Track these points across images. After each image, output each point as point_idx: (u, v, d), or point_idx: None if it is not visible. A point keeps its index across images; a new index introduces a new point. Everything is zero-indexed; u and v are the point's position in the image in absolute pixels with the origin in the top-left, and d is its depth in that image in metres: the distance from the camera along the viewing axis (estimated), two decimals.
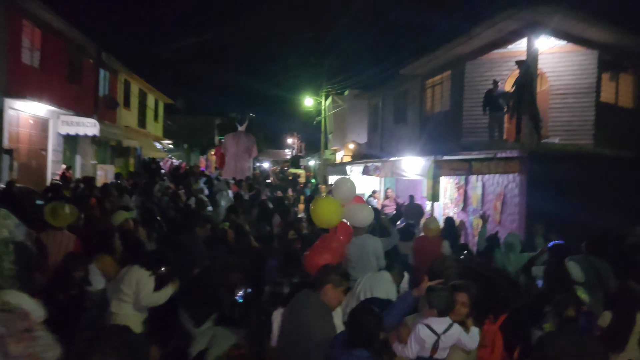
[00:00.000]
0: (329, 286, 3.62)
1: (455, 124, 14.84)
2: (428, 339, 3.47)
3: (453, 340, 3.54)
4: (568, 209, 10.30)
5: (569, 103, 13.20)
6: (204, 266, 5.40)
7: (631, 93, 13.96)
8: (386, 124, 21.88)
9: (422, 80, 17.66)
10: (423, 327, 3.52)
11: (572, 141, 12.67)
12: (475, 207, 13.43)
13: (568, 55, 13.26)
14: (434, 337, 3.48)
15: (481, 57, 14.34)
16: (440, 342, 3.48)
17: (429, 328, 3.51)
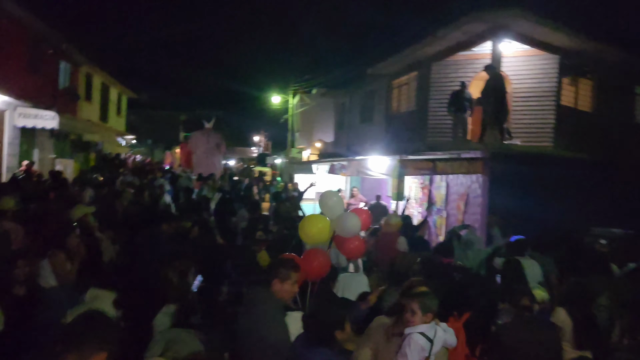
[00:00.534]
0: (276, 281, 3.63)
1: (421, 124, 14.99)
2: (426, 346, 3.32)
3: (442, 343, 3.42)
4: (528, 208, 10.53)
5: (530, 106, 13.49)
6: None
7: (590, 97, 14.36)
8: (353, 123, 21.96)
9: (389, 80, 17.78)
10: (419, 336, 3.33)
11: (533, 143, 12.96)
12: (440, 207, 13.59)
13: (530, 59, 13.55)
14: (429, 344, 3.34)
15: (447, 59, 14.52)
16: (433, 348, 3.35)
17: (424, 336, 3.34)
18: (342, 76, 21.91)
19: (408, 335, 3.34)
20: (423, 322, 3.37)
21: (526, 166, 11.79)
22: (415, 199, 14.78)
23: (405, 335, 3.36)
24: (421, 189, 14.57)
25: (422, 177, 14.27)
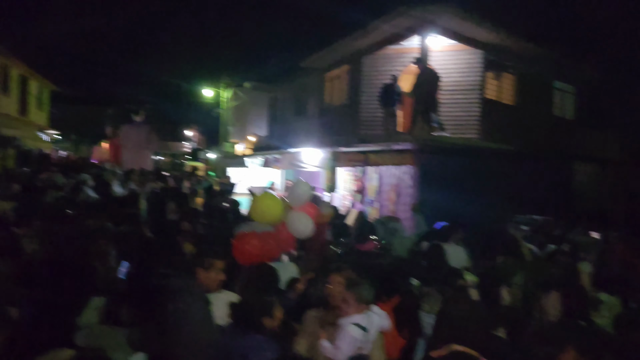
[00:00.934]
0: (199, 270, 3.59)
1: (353, 117, 15.17)
2: (361, 337, 3.28)
3: (377, 329, 3.40)
4: (456, 198, 10.89)
5: (457, 99, 13.92)
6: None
7: (512, 91, 15.01)
8: (286, 116, 21.93)
9: (322, 74, 17.86)
10: (353, 327, 3.28)
11: (460, 135, 13.38)
12: (372, 199, 13.82)
13: (456, 54, 13.98)
14: (364, 333, 3.30)
15: (377, 53, 14.75)
16: (369, 336, 3.33)
17: (359, 326, 3.29)
18: (274, 69, 21.84)
19: (341, 327, 3.31)
20: (357, 312, 3.33)
21: (454, 157, 12.21)
22: (349, 191, 14.96)
23: (339, 327, 3.33)
24: (354, 181, 14.76)
25: (355, 169, 14.46)
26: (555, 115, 16.68)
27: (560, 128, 16.46)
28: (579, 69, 16.64)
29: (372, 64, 14.90)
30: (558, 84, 16.76)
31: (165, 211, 8.60)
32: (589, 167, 17.32)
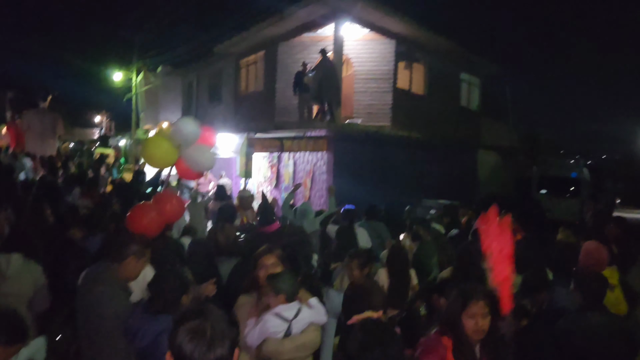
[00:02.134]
0: (131, 258, 3.44)
1: (268, 104, 15.16)
2: (278, 329, 3.19)
3: (305, 324, 3.28)
4: (369, 183, 11.27)
5: (370, 87, 14.29)
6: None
7: (422, 81, 15.62)
8: (201, 103, 21.52)
9: (237, 60, 17.67)
10: (272, 317, 3.22)
11: (373, 123, 13.76)
12: (287, 185, 13.93)
13: (370, 43, 14.32)
14: (285, 324, 3.22)
15: (293, 40, 14.80)
16: (292, 329, 3.23)
17: (280, 317, 3.23)
18: (188, 54, 21.25)
19: (263, 317, 3.28)
20: (279, 303, 3.28)
21: (367, 144, 12.57)
22: (265, 177, 14.98)
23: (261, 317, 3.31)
24: (270, 168, 14.80)
25: (271, 156, 14.50)
26: (461, 106, 17.56)
27: (466, 118, 17.35)
28: (483, 63, 17.59)
29: (287, 51, 14.94)
30: (465, 76, 17.64)
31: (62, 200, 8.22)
32: (491, 156, 18.44)
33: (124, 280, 3.46)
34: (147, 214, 4.53)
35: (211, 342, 1.68)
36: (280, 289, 3.30)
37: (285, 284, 3.30)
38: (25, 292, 3.96)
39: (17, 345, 2.66)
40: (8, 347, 2.60)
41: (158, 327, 2.99)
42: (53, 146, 17.85)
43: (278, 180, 14.34)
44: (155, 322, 3.01)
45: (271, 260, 3.56)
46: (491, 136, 18.43)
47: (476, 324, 2.70)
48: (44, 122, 17.49)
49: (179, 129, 5.03)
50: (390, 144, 13.08)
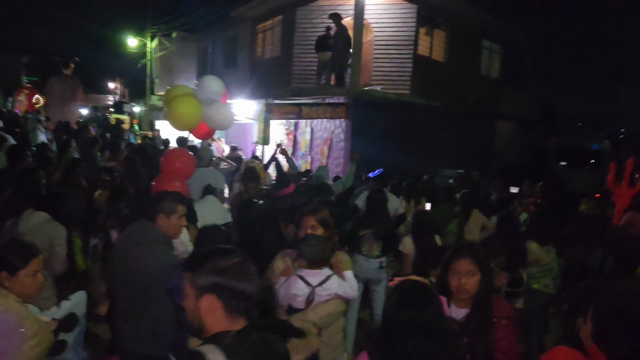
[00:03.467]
0: (161, 216, 3.38)
1: (286, 70, 14.96)
2: (300, 292, 3.18)
3: (329, 294, 3.22)
4: (387, 151, 11.12)
5: (390, 54, 14.01)
6: None
7: (442, 48, 15.29)
8: (216, 68, 21.31)
9: (254, 25, 17.41)
10: (297, 279, 3.21)
11: (392, 90, 13.54)
12: (304, 152, 13.85)
13: (391, 8, 13.98)
14: (308, 289, 3.18)
15: (311, 4, 14.50)
16: (315, 295, 3.18)
17: (303, 280, 3.20)
18: (204, 19, 20.95)
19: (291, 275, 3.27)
20: (304, 267, 3.26)
21: (385, 112, 12.38)
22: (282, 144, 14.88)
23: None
24: (287, 135, 14.69)
25: (288, 122, 14.37)
26: (482, 74, 17.22)
27: (486, 86, 17.03)
28: (505, 29, 17.17)
29: (306, 15, 14.65)
30: (486, 43, 17.25)
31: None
32: (510, 125, 18.15)
33: (166, 237, 3.41)
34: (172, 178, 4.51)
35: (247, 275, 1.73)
36: (304, 254, 3.26)
37: (309, 249, 3.25)
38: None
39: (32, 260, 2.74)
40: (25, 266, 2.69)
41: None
42: (75, 112, 18.24)
43: (295, 147, 14.25)
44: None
45: (311, 222, 3.50)
46: (510, 105, 18.10)
47: (459, 281, 2.66)
48: (66, 89, 17.86)
49: (204, 87, 4.89)
50: (409, 112, 12.88)
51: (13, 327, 2.41)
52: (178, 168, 4.70)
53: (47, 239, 3.89)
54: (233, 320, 1.70)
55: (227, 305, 1.69)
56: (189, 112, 4.88)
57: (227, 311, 1.69)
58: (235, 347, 1.62)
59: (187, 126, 5.08)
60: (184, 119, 4.97)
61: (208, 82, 4.96)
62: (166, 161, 4.79)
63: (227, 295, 1.68)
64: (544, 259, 4.91)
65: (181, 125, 5.09)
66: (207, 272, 1.71)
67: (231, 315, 1.70)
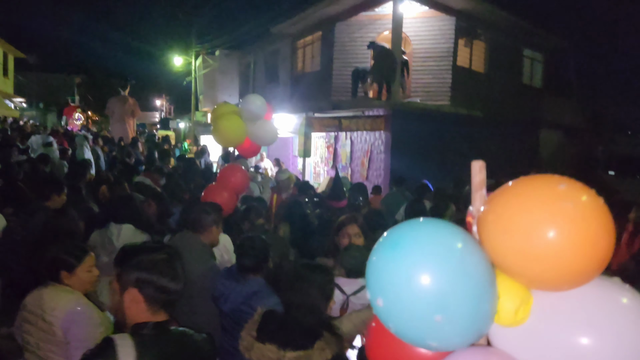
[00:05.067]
0: (214, 227, 3.63)
1: (326, 84, 15.17)
2: (335, 298, 3.04)
3: (363, 303, 3.19)
4: (427, 162, 11.15)
5: (429, 66, 14.02)
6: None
7: (482, 58, 15.20)
8: (258, 84, 21.78)
9: (294, 40, 17.75)
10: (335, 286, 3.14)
11: (432, 101, 13.54)
12: (344, 164, 13.98)
13: (429, 20, 14.02)
14: (342, 297, 3.19)
15: (350, 19, 14.69)
16: (349, 304, 3.20)
17: (338, 287, 3.16)
18: (245, 36, 21.54)
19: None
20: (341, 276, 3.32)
21: (425, 123, 12.39)
22: (322, 157, 15.08)
23: None
24: (327, 148, 14.87)
25: (328, 135, 14.55)
26: (524, 83, 17.00)
27: (528, 95, 16.79)
28: (547, 37, 16.92)
29: (344, 30, 14.85)
30: (527, 52, 17.03)
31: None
32: (554, 134, 17.80)
33: (208, 246, 3.65)
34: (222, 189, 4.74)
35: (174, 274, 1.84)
36: (343, 263, 3.34)
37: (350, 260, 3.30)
38: None
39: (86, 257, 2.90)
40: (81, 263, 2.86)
41: (248, 289, 3.07)
42: (132, 129, 19.39)
43: (335, 160, 14.40)
44: (245, 285, 3.10)
45: (355, 230, 3.62)
46: (555, 114, 17.75)
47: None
48: (125, 108, 18.99)
49: (247, 104, 5.12)
50: (450, 123, 12.85)
51: (88, 317, 2.68)
52: (233, 182, 4.94)
53: None
54: (154, 314, 1.80)
55: (149, 299, 1.78)
56: (234, 129, 5.08)
57: (148, 305, 1.79)
58: (150, 337, 1.75)
59: (232, 143, 5.29)
60: (229, 136, 5.16)
61: (251, 100, 5.17)
62: (222, 176, 5.05)
63: (149, 289, 1.78)
64: None
65: (226, 142, 5.31)
66: (132, 267, 1.80)
67: (152, 309, 1.79)
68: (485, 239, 1.23)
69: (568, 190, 1.16)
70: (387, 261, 1.18)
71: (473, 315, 1.16)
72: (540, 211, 1.12)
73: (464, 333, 1.18)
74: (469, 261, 1.17)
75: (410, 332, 1.18)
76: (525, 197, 1.18)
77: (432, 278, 1.13)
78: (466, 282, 1.14)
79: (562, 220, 1.09)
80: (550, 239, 1.08)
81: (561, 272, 1.11)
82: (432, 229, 1.23)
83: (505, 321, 1.21)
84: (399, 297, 1.14)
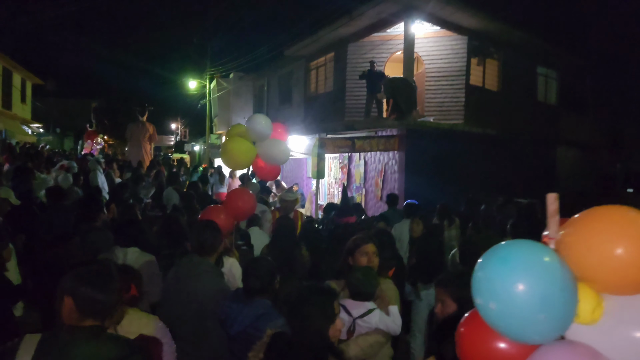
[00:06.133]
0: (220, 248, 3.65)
1: (339, 104, 15.21)
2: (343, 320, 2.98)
3: (370, 326, 3.17)
4: (442, 181, 11.03)
5: (442, 85, 14.02)
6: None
7: (496, 77, 15.14)
8: (272, 105, 21.91)
9: (307, 62, 17.86)
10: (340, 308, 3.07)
11: (445, 120, 13.48)
12: (358, 185, 13.90)
13: (441, 40, 14.06)
14: (349, 319, 3.15)
15: (362, 40, 14.77)
16: (356, 326, 3.16)
17: (344, 309, 3.16)
18: (259, 58, 21.73)
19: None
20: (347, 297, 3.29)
21: (440, 142, 12.30)
22: (335, 178, 15.03)
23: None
24: (340, 169, 14.83)
25: (342, 156, 14.51)
26: (538, 101, 16.88)
27: (543, 113, 16.65)
28: (561, 55, 16.83)
29: (357, 51, 14.93)
30: (542, 69, 16.94)
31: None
32: (570, 151, 17.59)
33: (216, 267, 3.64)
34: (220, 212, 4.65)
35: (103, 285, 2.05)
36: (349, 285, 3.30)
37: (355, 282, 3.26)
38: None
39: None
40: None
41: (255, 311, 3.03)
42: (150, 153, 19.73)
43: (349, 180, 14.33)
44: (252, 307, 3.05)
45: (373, 249, 3.53)
46: (571, 131, 17.57)
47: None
48: (143, 133, 19.37)
49: (252, 124, 5.08)
50: (464, 142, 12.74)
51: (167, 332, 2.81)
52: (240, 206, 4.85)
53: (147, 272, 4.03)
54: (82, 320, 2.00)
55: (79, 307, 1.99)
56: (241, 150, 5.04)
57: (78, 312, 1.99)
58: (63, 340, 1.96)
59: (241, 164, 5.24)
60: (237, 158, 5.11)
61: (256, 120, 5.13)
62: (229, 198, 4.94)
63: (79, 298, 1.99)
64: None
65: (235, 164, 5.26)
66: (70, 278, 2.03)
67: (81, 316, 2.00)
68: (568, 255, 1.58)
69: (634, 216, 1.50)
70: (499, 273, 1.52)
71: (565, 314, 1.52)
72: (614, 233, 1.48)
73: (558, 328, 1.54)
74: (559, 272, 1.52)
75: (517, 329, 1.52)
76: (601, 223, 1.54)
77: (537, 285, 1.47)
78: (560, 287, 1.49)
79: (629, 240, 1.45)
80: (621, 254, 1.44)
81: (629, 280, 1.48)
82: (530, 248, 1.58)
83: (584, 320, 1.56)
84: (511, 301, 1.48)
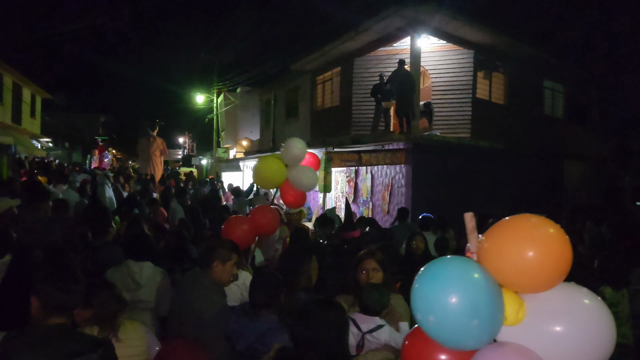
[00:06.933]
0: (216, 263, 3.51)
1: (345, 118, 15.25)
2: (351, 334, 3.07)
3: (380, 342, 3.16)
4: (449, 195, 11.02)
5: (448, 99, 14.04)
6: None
7: (502, 90, 15.16)
8: (278, 120, 22.01)
9: (313, 76, 17.96)
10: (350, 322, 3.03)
11: (452, 134, 13.49)
12: (365, 199, 13.90)
13: (447, 54, 14.11)
14: (358, 334, 3.15)
15: (369, 54, 14.85)
16: (365, 341, 3.14)
17: (354, 322, 3.16)
18: (266, 73, 21.90)
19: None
20: (357, 312, 3.29)
21: (446, 156, 12.32)
22: (342, 192, 15.02)
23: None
24: (347, 182, 14.83)
25: (349, 170, 14.53)
26: (545, 114, 16.86)
27: (550, 126, 16.63)
28: (568, 68, 16.84)
29: (363, 65, 15.01)
30: (548, 83, 16.94)
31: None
32: (578, 164, 17.52)
33: (218, 284, 3.56)
34: (240, 226, 4.72)
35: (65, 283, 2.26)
36: (360, 301, 3.29)
37: (367, 299, 3.25)
38: (154, 297, 4.17)
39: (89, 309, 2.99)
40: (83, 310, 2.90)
41: (262, 326, 3.03)
42: (160, 167, 19.98)
43: (356, 194, 14.33)
44: (258, 323, 3.05)
45: (373, 265, 3.57)
46: (578, 144, 17.52)
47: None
48: (154, 148, 19.63)
49: (287, 146, 5.25)
50: (471, 155, 12.75)
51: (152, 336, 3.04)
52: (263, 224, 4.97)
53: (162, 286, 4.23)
54: (47, 318, 2.22)
55: (43, 305, 2.22)
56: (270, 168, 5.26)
57: (42, 309, 2.22)
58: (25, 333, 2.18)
59: (268, 183, 5.41)
60: (264, 174, 5.30)
61: (292, 142, 5.29)
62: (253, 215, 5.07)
63: (43, 297, 2.22)
64: (619, 304, 4.65)
65: (262, 181, 5.45)
66: (35, 279, 2.26)
67: (46, 313, 2.22)
68: (488, 265, 1.75)
69: (535, 222, 1.70)
70: (431, 289, 1.66)
71: (495, 318, 1.66)
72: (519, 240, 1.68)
73: (490, 332, 1.67)
74: (484, 281, 1.66)
75: (455, 337, 1.64)
76: (509, 232, 1.74)
77: (466, 295, 1.60)
78: (486, 295, 1.63)
79: (533, 244, 1.66)
80: (528, 257, 1.64)
81: (539, 279, 1.69)
82: (456, 263, 1.72)
83: (511, 321, 1.71)
84: (446, 313, 1.61)
